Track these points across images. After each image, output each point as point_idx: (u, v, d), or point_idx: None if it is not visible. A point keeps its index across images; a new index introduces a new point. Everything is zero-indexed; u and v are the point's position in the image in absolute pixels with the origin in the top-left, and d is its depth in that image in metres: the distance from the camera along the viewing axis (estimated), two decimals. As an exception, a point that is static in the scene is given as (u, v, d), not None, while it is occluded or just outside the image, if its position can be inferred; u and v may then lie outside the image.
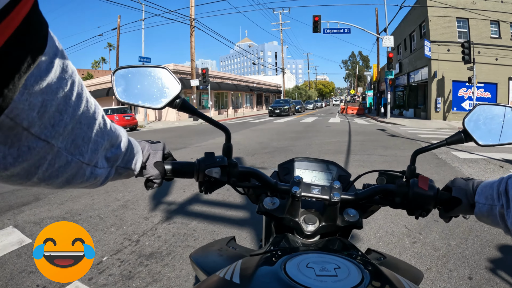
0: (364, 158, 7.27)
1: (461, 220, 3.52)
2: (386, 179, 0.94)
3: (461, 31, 21.62)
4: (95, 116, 0.49)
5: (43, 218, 3.95)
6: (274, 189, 0.87)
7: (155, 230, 3.51)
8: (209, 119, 0.85)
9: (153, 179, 0.78)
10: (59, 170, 0.44)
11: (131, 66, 0.77)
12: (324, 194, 0.80)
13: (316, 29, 21.61)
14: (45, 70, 0.34)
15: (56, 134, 0.40)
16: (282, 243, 0.78)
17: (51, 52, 0.35)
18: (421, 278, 0.91)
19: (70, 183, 0.49)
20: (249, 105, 46.62)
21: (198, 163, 0.81)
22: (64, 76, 0.38)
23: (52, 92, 0.36)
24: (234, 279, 0.58)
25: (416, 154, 0.85)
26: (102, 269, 2.71)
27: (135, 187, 5.26)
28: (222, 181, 0.82)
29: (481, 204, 0.70)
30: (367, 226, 3.47)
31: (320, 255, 0.65)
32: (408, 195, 0.79)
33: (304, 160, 1.11)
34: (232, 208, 4.19)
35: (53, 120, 0.38)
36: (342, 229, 0.85)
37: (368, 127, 16.07)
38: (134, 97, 0.75)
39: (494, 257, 2.80)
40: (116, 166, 0.63)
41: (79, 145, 0.46)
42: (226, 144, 0.85)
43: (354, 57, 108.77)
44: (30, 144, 0.37)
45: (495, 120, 0.78)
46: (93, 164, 0.52)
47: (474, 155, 7.49)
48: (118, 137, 0.60)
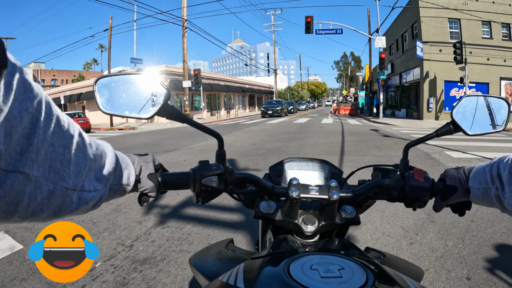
0: (358, 159, 7.27)
1: (457, 220, 3.53)
2: (381, 174, 0.95)
3: (453, 32, 21.84)
4: (70, 134, 0.44)
5: (34, 223, 3.86)
6: (271, 193, 0.85)
7: (148, 235, 3.45)
8: (200, 126, 0.84)
9: (148, 193, 0.75)
10: (42, 203, 0.40)
11: (115, 74, 0.74)
12: (322, 194, 0.80)
13: (308, 30, 21.69)
14: (4, 95, 0.30)
15: (28, 162, 0.36)
16: (283, 245, 0.78)
17: (9, 72, 0.31)
18: (422, 276, 0.91)
19: (58, 214, 0.45)
20: (241, 106, 46.63)
21: (193, 172, 0.77)
22: (28, 96, 0.34)
23: (14, 119, 0.32)
24: (238, 284, 0.57)
25: (408, 147, 0.86)
26: (95, 275, 2.65)
27: (128, 190, 5.18)
28: (220, 190, 0.79)
29: (476, 189, 0.72)
30: (364, 228, 3.45)
31: (323, 256, 0.64)
32: (405, 189, 0.80)
33: (294, 160, 1.11)
34: (226, 211, 4.14)
35: (19, 148, 0.34)
36: (341, 227, 0.86)
37: (361, 127, 16.13)
38: (120, 107, 0.72)
39: (492, 256, 2.79)
40: (109, 185, 0.59)
41: (58, 170, 0.41)
42: (219, 150, 0.84)
43: (346, 58, 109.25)
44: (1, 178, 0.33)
45: (481, 110, 0.82)
46: (79, 188, 0.47)
47: (467, 155, 7.54)
48: (102, 154, 0.55)
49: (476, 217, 3.64)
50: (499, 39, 21.40)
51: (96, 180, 0.52)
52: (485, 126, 0.82)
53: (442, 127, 0.84)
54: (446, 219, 3.58)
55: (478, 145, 8.87)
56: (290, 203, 0.80)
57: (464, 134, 0.81)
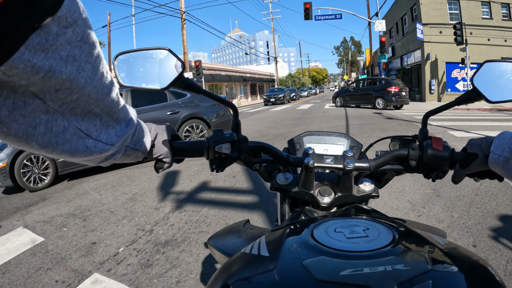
0: (364, 141, 7.33)
1: (462, 194, 3.66)
2: (399, 144, 0.92)
3: (453, 13, 21.62)
4: (107, 91, 0.46)
5: (52, 216, 4.01)
6: (286, 162, 0.85)
7: (167, 219, 3.59)
8: (215, 96, 0.84)
9: (163, 158, 0.77)
10: (58, 137, 0.42)
11: (132, 50, 0.76)
12: (337, 163, 0.78)
13: (307, 16, 21.50)
14: (55, 34, 0.32)
15: (56, 98, 0.38)
16: (302, 216, 0.77)
17: (69, 17, 0.33)
18: (445, 236, 0.88)
19: (73, 154, 0.47)
20: (243, 95, 46.48)
21: (207, 140, 0.79)
22: (81, 45, 0.37)
23: (61, 59, 0.34)
24: (262, 253, 0.57)
25: (428, 116, 0.83)
26: (119, 260, 2.79)
27: (141, 180, 5.34)
28: (233, 157, 0.79)
29: (497, 155, 0.67)
30: (373, 203, 3.56)
31: (345, 220, 0.65)
32: (423, 158, 0.77)
33: (313, 134, 1.10)
34: (240, 194, 4.28)
35: (59, 86, 0.37)
36: (358, 199, 0.84)
37: (364, 111, 16.12)
38: (137, 80, 0.74)
39: (496, 226, 2.92)
40: (125, 146, 0.62)
41: (76, 114, 0.44)
42: (234, 120, 0.84)
43: (346, 43, 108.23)
44: (27, 100, 0.35)
45: (504, 77, 0.76)
46: (95, 137, 0.49)
47: (470, 134, 7.62)
48: (126, 116, 0.57)
49: (480, 191, 3.77)
50: (499, 19, 21.18)
51: (115, 136, 0.54)
52: (507, 92, 0.76)
53: (463, 95, 0.79)
54: (451, 193, 3.71)
55: (482, 124, 8.91)
56: (305, 173, 0.80)
57: (486, 102, 0.76)
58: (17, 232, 3.58)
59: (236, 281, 0.54)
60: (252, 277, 0.54)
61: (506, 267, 2.30)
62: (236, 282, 0.53)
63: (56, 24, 0.32)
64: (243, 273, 0.56)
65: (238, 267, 0.58)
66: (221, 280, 0.56)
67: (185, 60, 25.11)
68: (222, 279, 0.57)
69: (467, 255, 0.58)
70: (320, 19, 23.59)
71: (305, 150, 0.81)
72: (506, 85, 0.76)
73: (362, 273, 0.48)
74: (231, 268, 0.59)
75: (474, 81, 0.77)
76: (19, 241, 3.35)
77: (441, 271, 0.49)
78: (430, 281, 0.46)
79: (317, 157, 0.80)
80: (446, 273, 0.49)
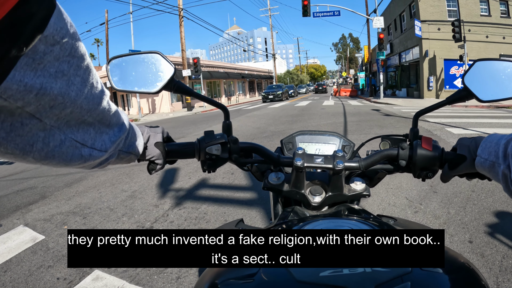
0: (361, 138, 7.38)
1: (459, 190, 3.69)
2: (389, 143, 0.92)
3: (451, 10, 21.62)
4: (99, 101, 0.47)
5: (52, 214, 4.00)
6: (276, 163, 0.86)
7: (166, 216, 3.61)
8: (205, 98, 0.87)
9: (155, 160, 0.79)
10: (54, 150, 0.43)
11: (125, 54, 0.78)
12: (327, 163, 0.79)
13: (305, 13, 21.42)
14: (42, 53, 0.33)
15: (51, 115, 0.39)
16: (291, 216, 0.79)
17: (56, 35, 0.33)
18: None
19: (68, 164, 0.47)
20: (242, 92, 46.40)
21: (198, 142, 0.80)
22: (69, 60, 0.37)
23: (50, 76, 0.35)
24: None
25: (418, 115, 0.83)
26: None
27: (140, 177, 5.35)
28: (224, 158, 0.81)
29: (483, 159, 0.66)
30: (370, 199, 3.61)
31: (332, 220, 0.66)
32: (413, 157, 0.77)
33: (305, 133, 1.11)
34: (239, 190, 4.31)
35: (52, 103, 0.37)
36: (349, 198, 0.85)
37: (362, 108, 16.17)
38: (130, 84, 0.76)
39: (492, 222, 2.95)
40: (118, 150, 0.62)
41: (73, 126, 0.45)
42: (225, 121, 0.86)
43: (345, 40, 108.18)
44: (24, 121, 0.36)
45: (495, 76, 0.76)
46: (90, 146, 0.50)
47: (468, 131, 7.65)
48: (119, 121, 0.57)
49: (476, 187, 3.80)
50: (498, 16, 21.20)
51: (109, 141, 0.54)
52: (499, 92, 0.75)
53: (454, 94, 0.79)
54: (448, 190, 3.74)
55: (479, 121, 8.93)
56: (296, 173, 0.81)
57: (477, 101, 0.76)
58: (18, 231, 3.58)
59: (224, 281, 0.57)
60: (239, 277, 0.56)
61: (502, 262, 2.33)
62: (224, 282, 0.57)
63: (43, 43, 0.32)
64: (231, 273, 0.58)
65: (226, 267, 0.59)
66: (209, 279, 0.59)
67: (183, 57, 25.06)
68: (210, 278, 0.60)
69: (453, 256, 0.59)
70: (318, 16, 23.57)
71: (296, 150, 0.82)
72: (497, 84, 0.76)
73: (341, 274, 0.49)
74: (219, 268, 0.60)
75: (465, 80, 0.77)
76: (20, 239, 3.35)
77: (421, 272, 0.51)
78: (409, 282, 0.48)
79: (307, 157, 0.81)
80: (426, 274, 0.51)
